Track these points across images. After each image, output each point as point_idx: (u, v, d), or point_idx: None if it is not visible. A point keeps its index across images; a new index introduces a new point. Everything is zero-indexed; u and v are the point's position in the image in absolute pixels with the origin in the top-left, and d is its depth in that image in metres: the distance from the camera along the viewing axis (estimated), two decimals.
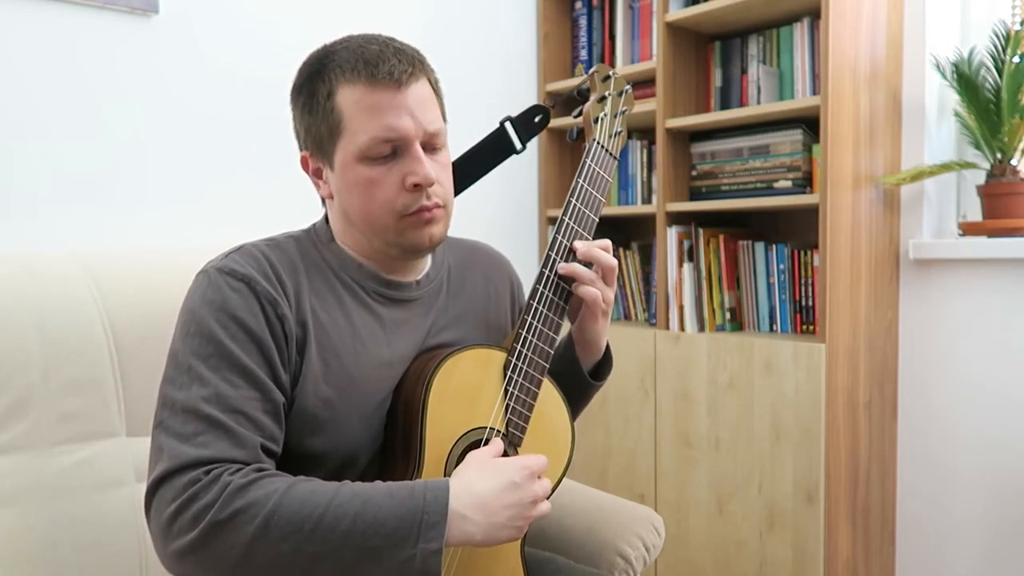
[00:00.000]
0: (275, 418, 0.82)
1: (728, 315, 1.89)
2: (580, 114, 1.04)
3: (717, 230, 1.90)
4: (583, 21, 2.20)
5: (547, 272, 0.95)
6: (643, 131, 2.16)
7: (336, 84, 0.86)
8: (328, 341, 0.87)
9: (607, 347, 1.08)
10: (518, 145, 1.07)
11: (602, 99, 1.03)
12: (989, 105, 1.71)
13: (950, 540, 1.83)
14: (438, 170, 0.89)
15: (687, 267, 1.90)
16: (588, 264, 0.98)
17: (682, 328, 1.90)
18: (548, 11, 2.19)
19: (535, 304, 0.94)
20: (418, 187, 0.87)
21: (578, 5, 2.22)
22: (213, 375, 0.79)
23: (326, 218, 0.97)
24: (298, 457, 0.85)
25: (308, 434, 0.85)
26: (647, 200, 2.09)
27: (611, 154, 1.01)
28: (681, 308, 1.90)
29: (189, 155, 1.54)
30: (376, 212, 0.88)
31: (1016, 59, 1.70)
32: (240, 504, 0.72)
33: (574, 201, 0.97)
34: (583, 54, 2.20)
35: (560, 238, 0.96)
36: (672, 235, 1.91)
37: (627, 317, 2.18)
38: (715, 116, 1.83)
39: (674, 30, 1.91)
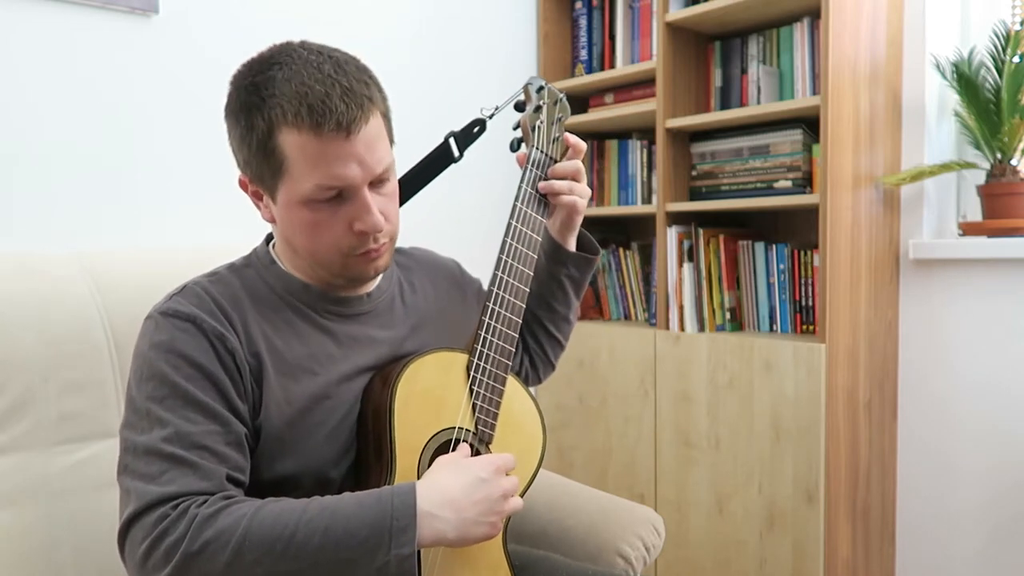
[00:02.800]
0: (238, 448, 0.82)
1: (728, 315, 1.89)
2: (519, 125, 1.08)
3: (717, 230, 1.90)
4: (583, 21, 2.20)
5: (500, 274, 0.97)
6: (643, 131, 2.16)
7: (277, 125, 0.82)
8: (284, 366, 0.87)
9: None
10: (456, 154, 1.09)
11: (537, 109, 1.07)
12: (989, 105, 1.71)
13: (950, 540, 1.83)
14: (384, 204, 0.88)
15: (687, 267, 1.90)
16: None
17: (682, 328, 1.90)
18: (548, 11, 2.19)
19: (491, 305, 0.95)
20: (365, 234, 0.87)
21: (578, 5, 2.22)
22: (171, 415, 0.79)
23: (267, 239, 0.97)
24: (272, 483, 0.86)
25: (278, 458, 0.86)
26: (647, 200, 2.09)
27: (551, 158, 1.05)
28: (681, 308, 1.90)
29: (189, 155, 1.54)
30: (321, 251, 0.88)
31: (1016, 59, 1.70)
32: (209, 534, 0.73)
33: (519, 205, 1.00)
34: (583, 54, 2.20)
35: (509, 240, 0.98)
36: (672, 235, 1.91)
37: (627, 317, 2.18)
38: (715, 116, 1.83)
39: (674, 30, 1.91)
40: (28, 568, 0.99)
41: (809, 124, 1.76)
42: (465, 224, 2.04)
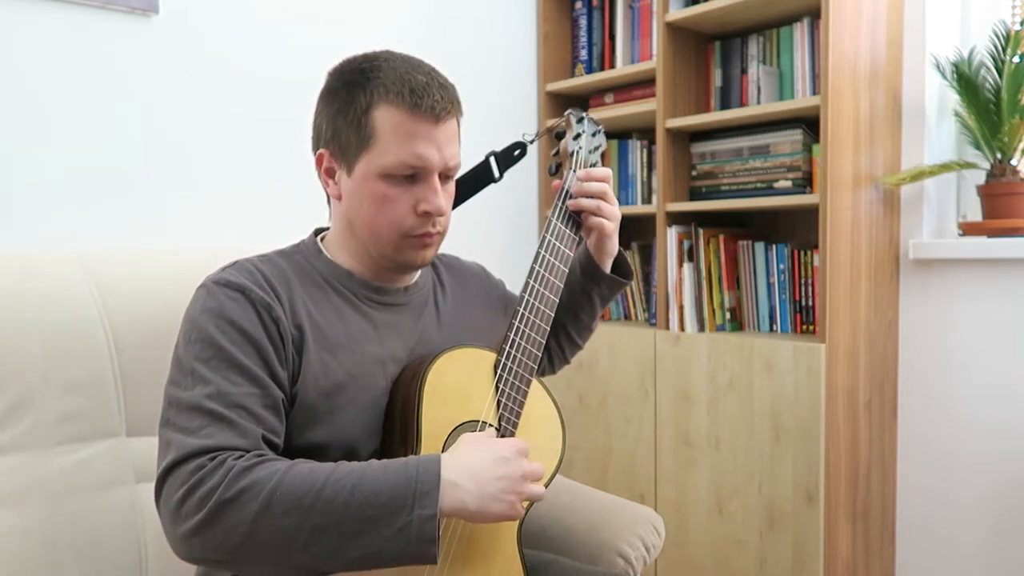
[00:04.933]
0: (275, 412, 0.86)
1: (728, 315, 1.89)
2: (558, 152, 1.14)
3: (717, 230, 1.90)
4: (583, 21, 2.20)
5: (533, 283, 1.01)
6: (643, 131, 2.16)
7: (377, 100, 0.91)
8: (324, 340, 0.92)
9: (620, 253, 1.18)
10: (497, 174, 1.16)
11: (577, 136, 1.13)
12: (989, 105, 1.71)
13: (950, 540, 1.83)
14: (446, 199, 0.97)
15: (687, 267, 1.90)
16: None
17: (682, 328, 1.90)
18: (548, 11, 2.19)
19: (522, 311, 1.00)
20: (428, 215, 0.94)
21: (578, 5, 2.22)
22: (215, 375, 0.84)
23: (315, 233, 1.04)
24: (302, 451, 0.89)
25: (310, 427, 0.90)
26: (647, 200, 2.09)
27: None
28: (681, 308, 1.90)
29: (189, 155, 1.54)
30: (382, 226, 0.94)
31: (1016, 59, 1.70)
32: (244, 483, 0.77)
33: (554, 221, 1.06)
34: (583, 54, 2.21)
35: (543, 252, 1.04)
36: (672, 235, 1.91)
37: (627, 317, 2.18)
38: (715, 116, 1.83)
39: (674, 30, 1.91)
40: (28, 568, 0.99)
41: (809, 124, 1.76)
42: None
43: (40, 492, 1.02)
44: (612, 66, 2.14)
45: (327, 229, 1.04)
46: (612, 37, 2.14)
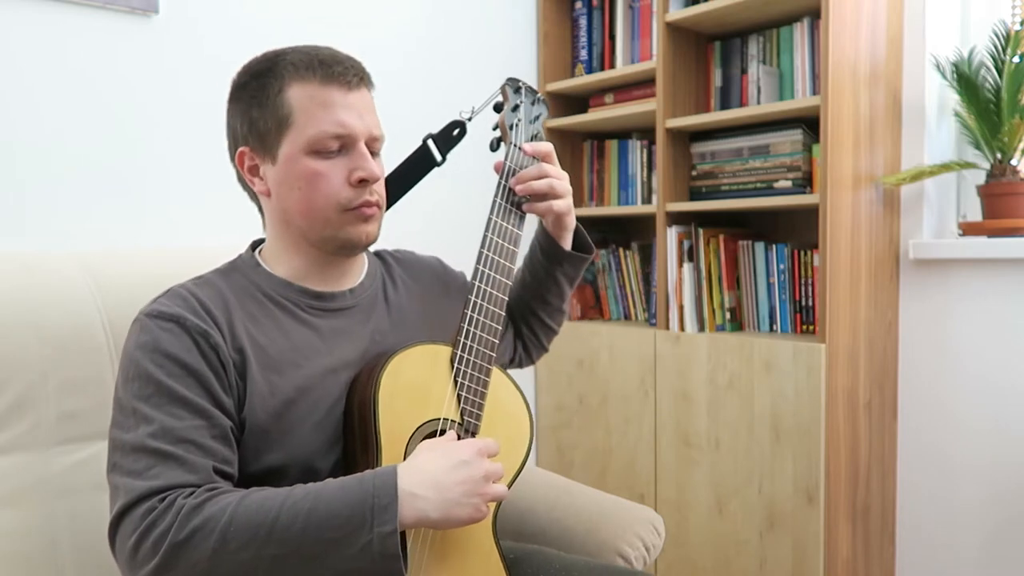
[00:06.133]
0: (224, 442, 0.84)
1: (728, 315, 1.89)
2: (497, 125, 1.08)
3: (717, 230, 1.90)
4: (583, 21, 2.20)
5: (481, 267, 0.98)
6: (643, 131, 2.16)
7: (288, 80, 0.91)
8: (268, 360, 0.89)
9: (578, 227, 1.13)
10: (438, 158, 1.11)
11: (515, 108, 1.07)
12: (989, 105, 1.71)
13: (950, 540, 1.83)
14: (378, 168, 0.94)
15: (687, 267, 1.90)
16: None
17: (682, 328, 1.90)
18: (548, 11, 2.19)
19: (473, 298, 0.97)
20: (363, 183, 0.92)
21: (578, 5, 2.22)
22: (157, 412, 0.81)
23: (252, 246, 1.01)
24: (260, 476, 0.87)
25: (264, 450, 0.87)
26: (647, 200, 2.09)
27: (529, 156, 1.05)
28: (681, 308, 1.90)
29: (189, 155, 1.54)
30: (319, 204, 0.91)
31: (1016, 59, 1.70)
32: (196, 523, 0.74)
33: (498, 200, 1.01)
34: (583, 54, 2.21)
35: (490, 235, 1.00)
36: (672, 235, 1.91)
37: (627, 317, 2.18)
38: (715, 116, 1.83)
39: (674, 30, 1.91)
40: (28, 567, 0.99)
41: (809, 124, 1.76)
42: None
43: (40, 492, 1.02)
44: (612, 66, 2.14)
45: (263, 241, 1.01)
46: (612, 37, 2.14)
